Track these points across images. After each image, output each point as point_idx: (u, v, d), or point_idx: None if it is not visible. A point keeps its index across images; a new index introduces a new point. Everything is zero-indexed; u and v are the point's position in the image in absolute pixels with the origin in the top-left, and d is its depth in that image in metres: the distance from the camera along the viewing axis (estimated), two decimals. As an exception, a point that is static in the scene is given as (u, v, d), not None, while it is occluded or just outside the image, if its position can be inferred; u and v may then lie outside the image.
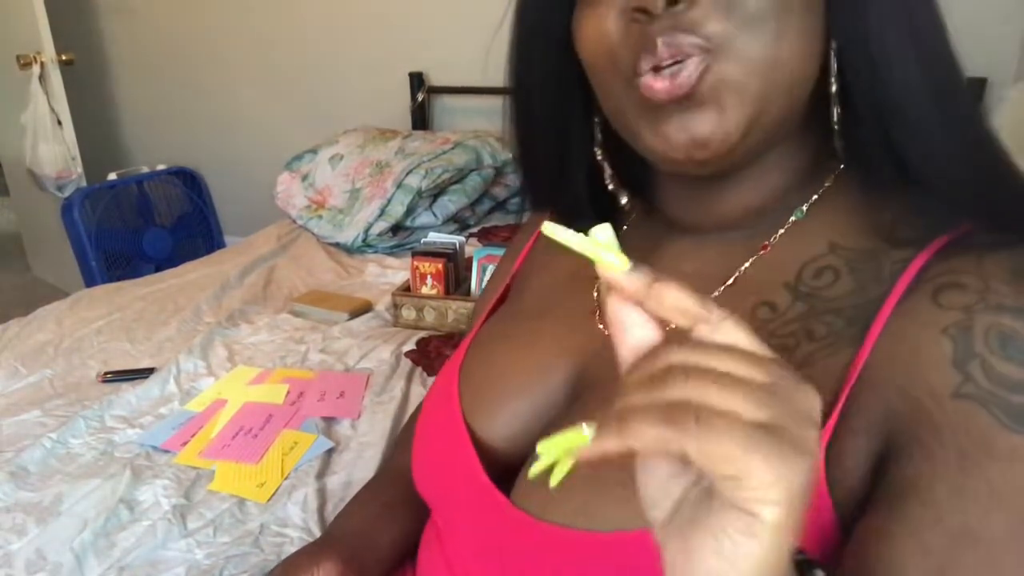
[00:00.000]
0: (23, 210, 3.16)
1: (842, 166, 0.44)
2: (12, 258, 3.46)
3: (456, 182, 2.11)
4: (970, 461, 0.33)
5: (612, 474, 0.40)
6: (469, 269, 1.58)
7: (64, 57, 2.61)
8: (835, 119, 0.42)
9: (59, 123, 2.61)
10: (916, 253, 0.38)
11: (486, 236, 2.03)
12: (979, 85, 1.78)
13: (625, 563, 0.38)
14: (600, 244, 0.30)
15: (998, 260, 0.36)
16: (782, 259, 0.44)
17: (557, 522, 0.41)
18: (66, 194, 2.63)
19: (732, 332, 0.28)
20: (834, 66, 0.41)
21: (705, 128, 0.40)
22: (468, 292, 1.56)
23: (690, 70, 0.39)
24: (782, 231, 0.45)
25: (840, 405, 0.37)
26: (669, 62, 0.39)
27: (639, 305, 0.29)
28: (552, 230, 0.30)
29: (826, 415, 0.37)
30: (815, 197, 0.45)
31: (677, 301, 0.29)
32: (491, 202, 2.23)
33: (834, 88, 0.41)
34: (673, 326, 0.29)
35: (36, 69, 2.56)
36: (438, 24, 2.42)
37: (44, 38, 2.54)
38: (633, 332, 0.30)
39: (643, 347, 0.29)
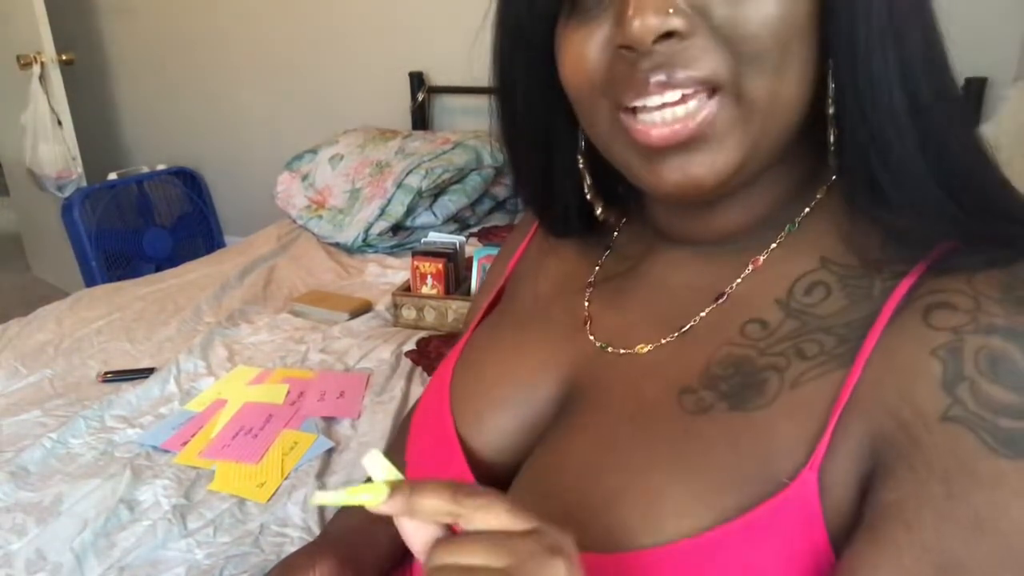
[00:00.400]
0: (23, 210, 3.16)
1: (834, 177, 0.43)
2: (12, 258, 3.46)
3: (456, 182, 2.11)
4: (956, 486, 0.32)
5: (601, 492, 0.40)
6: (469, 269, 1.58)
7: (64, 57, 2.61)
8: (832, 140, 0.40)
9: (59, 123, 2.61)
10: (908, 269, 0.37)
11: (486, 236, 2.03)
12: (979, 85, 1.78)
13: None
14: (377, 467, 0.34)
15: (989, 278, 0.35)
16: (773, 273, 0.43)
17: None
18: (66, 194, 2.63)
19: (488, 518, 0.32)
20: (832, 86, 0.39)
21: (701, 170, 0.39)
22: (468, 292, 1.57)
23: (689, 111, 0.38)
24: (774, 246, 0.44)
25: (831, 427, 0.36)
26: (659, 102, 0.38)
27: (409, 518, 0.33)
28: (321, 499, 0.33)
29: (817, 437, 0.36)
30: (807, 210, 0.44)
31: (433, 506, 0.32)
32: (491, 202, 2.23)
33: (832, 110, 0.39)
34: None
35: (36, 69, 2.56)
36: (438, 24, 2.42)
37: (44, 38, 2.55)
38: (416, 537, 0.33)
39: (428, 547, 0.33)
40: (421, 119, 2.52)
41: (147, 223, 2.81)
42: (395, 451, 0.72)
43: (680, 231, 0.48)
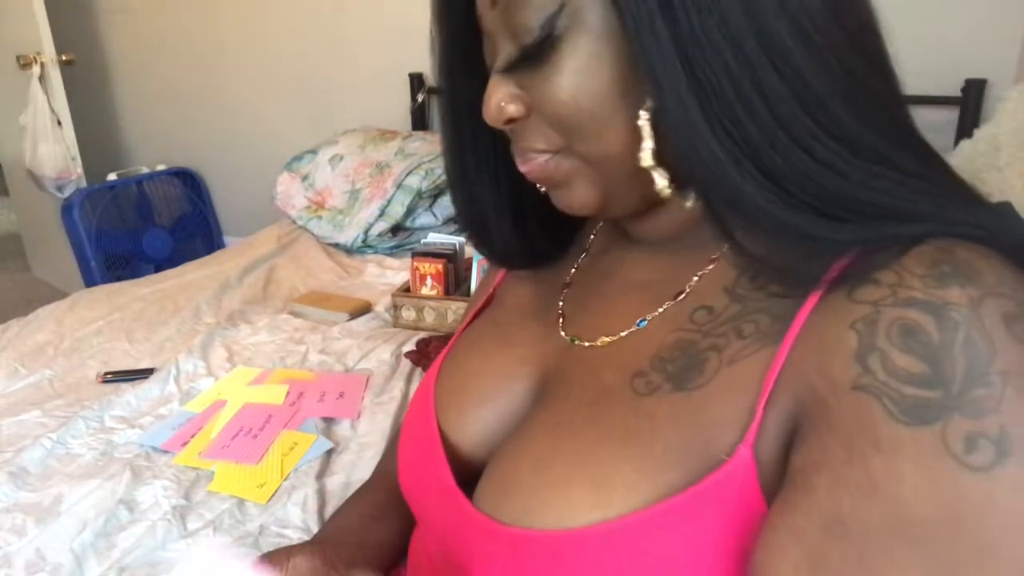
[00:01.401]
0: (23, 210, 3.16)
1: None
2: (12, 258, 3.46)
3: (456, 182, 2.11)
4: (855, 452, 0.33)
5: (556, 472, 0.42)
6: (469, 270, 1.58)
7: (64, 57, 2.61)
8: (659, 186, 0.42)
9: (59, 123, 2.61)
10: (842, 250, 0.38)
11: (486, 236, 2.03)
12: (979, 86, 1.79)
13: (564, 561, 0.39)
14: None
15: (920, 254, 0.35)
16: (724, 264, 0.45)
17: (504, 521, 0.42)
18: (66, 194, 2.63)
19: None
20: (646, 140, 0.40)
21: (570, 201, 0.46)
22: (468, 293, 1.57)
23: (540, 163, 0.45)
24: (727, 247, 0.44)
25: (763, 402, 0.37)
26: (523, 164, 0.46)
27: None
28: None
29: (751, 413, 0.38)
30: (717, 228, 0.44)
31: None
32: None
33: (644, 163, 0.41)
34: None
35: (36, 69, 2.56)
36: (438, 24, 2.42)
37: (44, 38, 2.54)
38: None
39: None
40: (421, 120, 2.52)
41: (147, 224, 2.81)
42: (391, 452, 0.73)
43: (636, 231, 0.50)
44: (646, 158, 0.41)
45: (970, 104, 1.79)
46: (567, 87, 0.41)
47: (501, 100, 0.43)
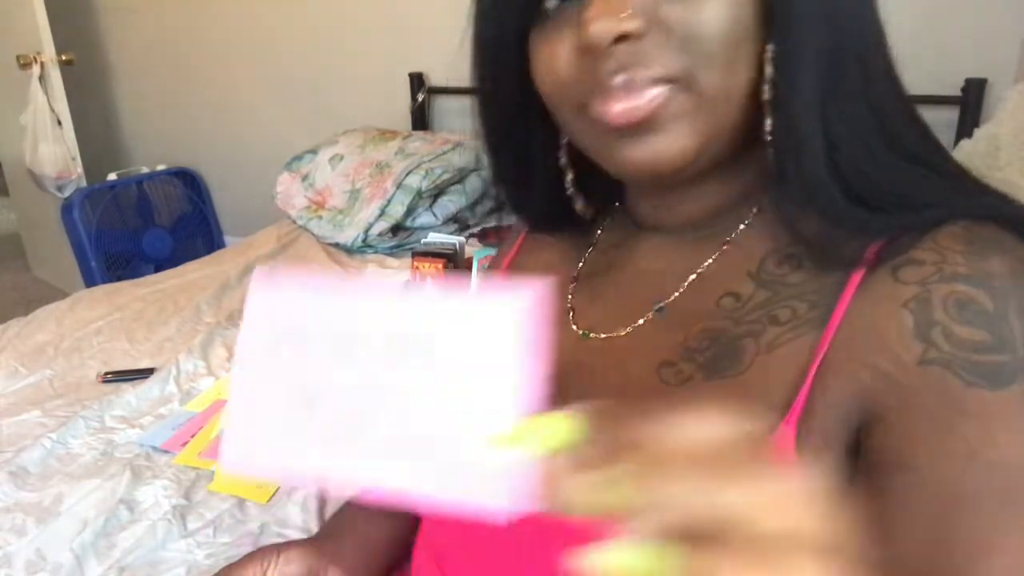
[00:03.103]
0: (23, 210, 3.16)
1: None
2: (12, 258, 3.46)
3: (456, 182, 2.11)
4: (944, 423, 0.34)
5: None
6: (469, 269, 1.58)
7: (64, 57, 2.61)
8: (768, 128, 0.41)
9: (59, 123, 2.61)
10: (875, 236, 0.39)
11: (486, 236, 2.03)
12: (979, 85, 1.79)
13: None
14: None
15: (952, 234, 0.37)
16: (745, 251, 0.45)
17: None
18: (66, 194, 2.63)
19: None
20: (770, 71, 0.40)
21: (658, 153, 0.41)
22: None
23: (647, 98, 0.39)
24: (743, 226, 0.45)
25: (808, 385, 0.38)
26: (622, 108, 0.39)
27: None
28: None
29: (794, 395, 0.38)
30: (773, 193, 0.45)
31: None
32: (491, 202, 2.22)
33: (767, 96, 0.40)
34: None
35: (36, 69, 2.55)
36: (438, 24, 2.42)
37: (44, 38, 2.54)
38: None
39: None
40: (421, 119, 2.51)
41: (147, 223, 2.81)
42: None
43: (655, 219, 0.50)
44: (768, 90, 0.40)
45: (970, 104, 1.79)
46: (713, 5, 0.38)
47: (621, 10, 0.38)
